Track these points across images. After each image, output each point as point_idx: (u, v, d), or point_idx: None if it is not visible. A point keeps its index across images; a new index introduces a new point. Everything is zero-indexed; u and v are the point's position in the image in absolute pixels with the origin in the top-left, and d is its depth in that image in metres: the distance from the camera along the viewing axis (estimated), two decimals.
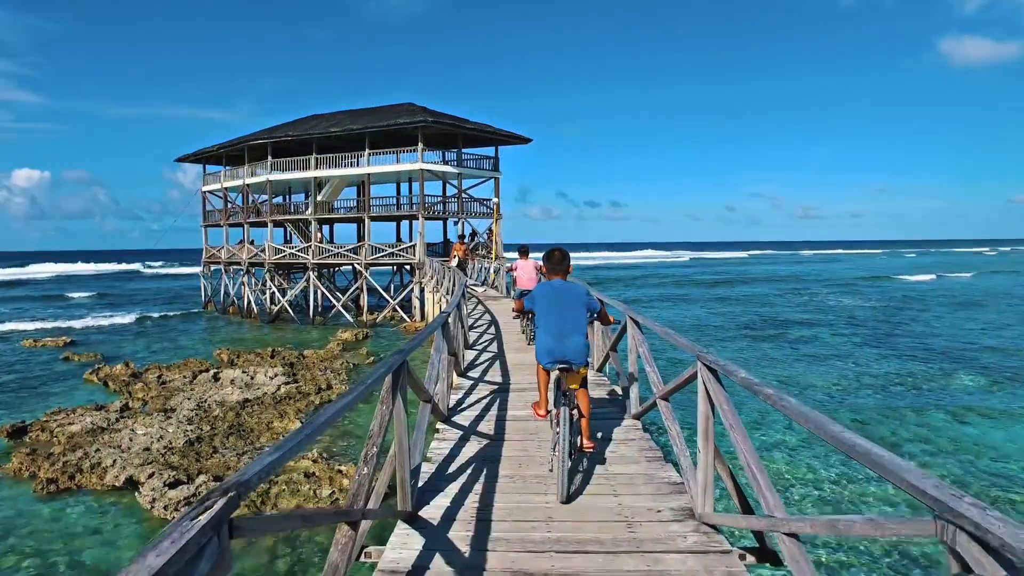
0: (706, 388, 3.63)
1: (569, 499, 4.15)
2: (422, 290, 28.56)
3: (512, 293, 16.89)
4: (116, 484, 11.05)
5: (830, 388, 17.20)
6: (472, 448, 5.12)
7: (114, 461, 11.88)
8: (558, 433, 4.17)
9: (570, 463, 4.21)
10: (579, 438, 4.55)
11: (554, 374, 4.59)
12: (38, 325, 33.53)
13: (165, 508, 10.01)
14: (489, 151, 34.83)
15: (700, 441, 3.67)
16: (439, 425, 5.72)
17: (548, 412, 4.81)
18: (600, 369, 7.95)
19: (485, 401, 6.61)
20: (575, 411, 4.37)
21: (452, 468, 4.65)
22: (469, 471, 4.58)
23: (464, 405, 6.51)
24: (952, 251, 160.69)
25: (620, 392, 7.01)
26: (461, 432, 5.49)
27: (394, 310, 31.39)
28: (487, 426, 5.73)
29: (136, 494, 10.45)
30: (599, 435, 5.51)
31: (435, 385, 5.10)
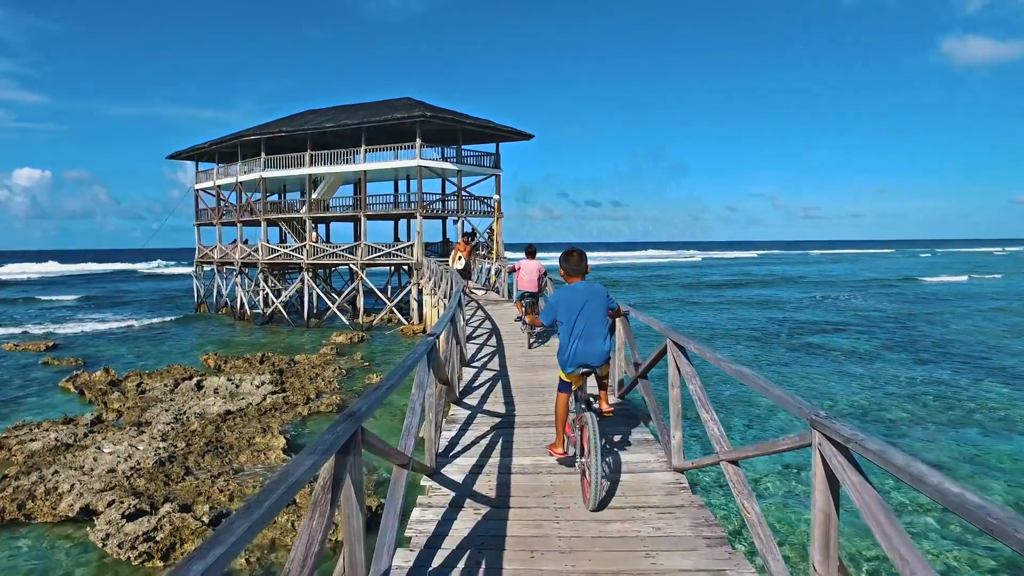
0: (828, 474, 2.31)
1: (600, 506, 4.00)
2: (420, 291, 27.27)
3: (514, 295, 15.63)
4: (70, 515, 9.82)
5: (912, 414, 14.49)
6: (467, 521, 3.78)
7: (72, 486, 10.63)
8: (581, 437, 4.19)
9: (598, 465, 4.05)
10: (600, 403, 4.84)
11: (575, 387, 4.56)
12: (23, 328, 32.30)
13: (120, 546, 8.74)
14: (490, 147, 33.46)
15: (816, 554, 2.35)
16: (424, 481, 4.40)
17: (566, 452, 4.74)
18: (622, 397, 6.61)
19: (484, 443, 5.26)
20: (598, 414, 4.41)
21: (438, 561, 3.31)
22: (462, 566, 3.25)
23: (458, 448, 5.17)
24: (959, 251, 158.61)
25: (651, 422, 5.70)
26: (453, 494, 4.14)
27: (391, 312, 30.11)
28: (487, 483, 4.39)
29: (89, 528, 9.18)
30: (626, 497, 4.19)
31: (414, 437, 3.75)
